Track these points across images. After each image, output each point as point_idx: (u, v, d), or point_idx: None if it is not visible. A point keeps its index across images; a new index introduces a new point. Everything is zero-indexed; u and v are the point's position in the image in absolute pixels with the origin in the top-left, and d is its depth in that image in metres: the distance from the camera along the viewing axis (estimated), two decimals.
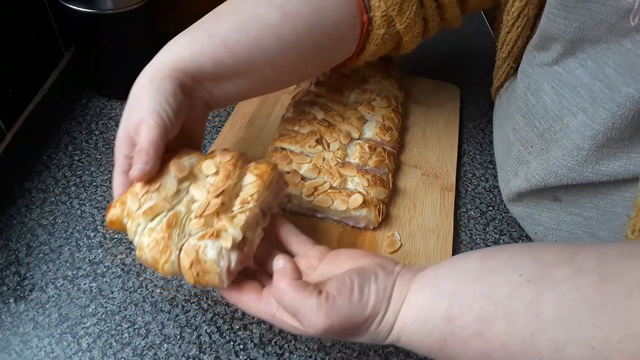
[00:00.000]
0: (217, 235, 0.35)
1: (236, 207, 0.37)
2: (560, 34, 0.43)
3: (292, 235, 0.41)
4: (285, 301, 0.34)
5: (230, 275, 0.36)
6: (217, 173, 0.38)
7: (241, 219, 0.36)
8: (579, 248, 0.31)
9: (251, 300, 0.37)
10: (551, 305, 0.28)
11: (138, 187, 0.37)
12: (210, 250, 0.35)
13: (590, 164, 0.42)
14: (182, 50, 0.41)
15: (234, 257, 0.35)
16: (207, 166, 0.39)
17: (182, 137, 0.41)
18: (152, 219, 0.36)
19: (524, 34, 0.50)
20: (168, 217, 0.36)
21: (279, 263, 0.37)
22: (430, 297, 0.33)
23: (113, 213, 0.38)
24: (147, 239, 0.36)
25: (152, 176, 0.37)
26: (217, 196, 0.36)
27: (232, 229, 0.35)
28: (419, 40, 0.54)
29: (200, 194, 0.37)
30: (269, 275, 0.39)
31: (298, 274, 0.37)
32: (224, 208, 0.36)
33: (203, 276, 0.35)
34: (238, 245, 0.36)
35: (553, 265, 0.30)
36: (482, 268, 0.32)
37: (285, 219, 0.42)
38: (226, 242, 0.35)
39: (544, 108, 0.47)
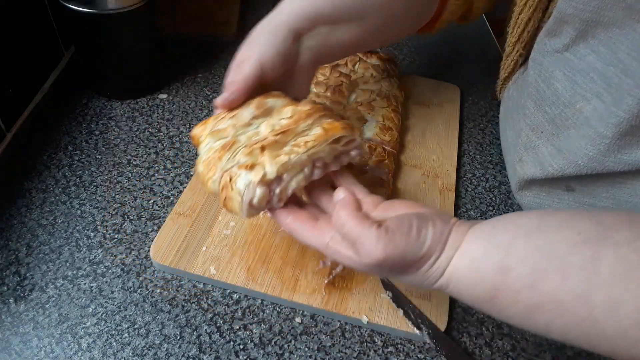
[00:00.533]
0: (251, 167, 0.36)
1: (286, 148, 0.37)
2: (576, 14, 0.43)
3: (349, 182, 0.41)
4: (345, 229, 0.34)
5: (252, 208, 0.36)
6: (291, 118, 0.39)
7: (282, 159, 0.36)
8: (636, 216, 0.31)
9: (305, 228, 0.37)
10: (609, 265, 0.29)
11: (222, 112, 0.40)
12: (240, 180, 0.36)
13: (612, 153, 0.41)
14: None
15: (259, 192, 0.36)
16: (286, 110, 0.39)
17: (288, 87, 0.44)
18: (217, 141, 0.38)
19: (536, 16, 0.50)
20: (226, 141, 0.38)
21: (341, 194, 0.38)
22: (485, 247, 0.33)
23: (195, 130, 0.41)
24: (204, 155, 0.39)
25: (236, 106, 0.40)
26: (276, 135, 0.37)
27: (268, 166, 0.36)
28: (488, 7, 0.56)
29: (265, 130, 0.38)
30: (323, 212, 0.40)
31: (359, 206, 0.37)
32: (276, 146, 0.37)
33: (227, 202, 0.37)
34: (268, 183, 0.36)
35: (613, 228, 0.30)
36: (540, 224, 0.33)
37: (348, 171, 0.41)
38: (256, 176, 0.35)
39: (555, 94, 0.47)
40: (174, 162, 0.58)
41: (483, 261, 0.33)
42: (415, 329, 0.45)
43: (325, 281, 0.47)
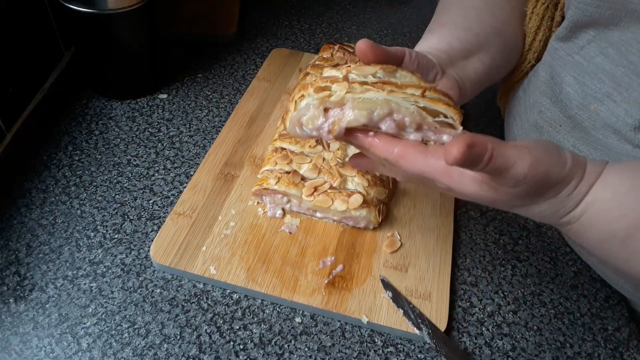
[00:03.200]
0: (321, 90, 0.33)
1: (397, 96, 0.32)
2: (590, 22, 0.43)
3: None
4: (489, 145, 0.29)
5: (299, 127, 0.34)
6: (409, 82, 0.34)
7: (356, 89, 0.32)
8: None
9: (420, 151, 0.32)
10: None
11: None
12: (305, 100, 0.33)
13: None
14: (431, 38, 0.47)
15: (311, 112, 0.33)
16: (412, 79, 0.35)
17: None
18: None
19: (545, 24, 0.51)
20: (328, 76, 0.34)
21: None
22: (630, 181, 0.31)
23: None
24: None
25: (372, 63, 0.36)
26: (383, 84, 0.33)
27: (338, 91, 0.32)
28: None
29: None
30: None
31: None
32: (379, 86, 0.32)
33: (285, 116, 0.36)
34: (326, 105, 0.33)
35: None
36: None
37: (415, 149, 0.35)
38: (318, 101, 0.33)
39: (567, 97, 0.47)
40: (174, 162, 0.58)
41: (627, 196, 0.31)
42: (415, 329, 0.45)
43: (325, 281, 0.47)
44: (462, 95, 0.44)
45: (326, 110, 0.33)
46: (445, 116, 0.33)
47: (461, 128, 0.33)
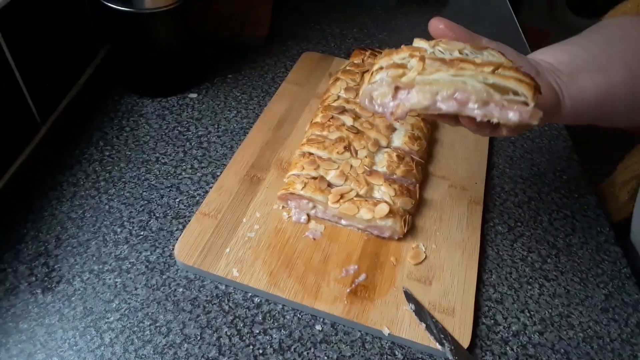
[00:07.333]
0: (398, 67, 0.33)
1: (466, 74, 0.32)
2: None
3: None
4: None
5: (369, 100, 0.35)
6: (490, 60, 0.33)
7: (435, 76, 0.32)
8: None
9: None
10: None
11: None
12: (379, 74, 0.34)
13: None
14: (543, 50, 0.43)
15: (382, 89, 0.34)
16: (498, 58, 0.34)
17: None
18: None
19: None
20: (417, 47, 0.35)
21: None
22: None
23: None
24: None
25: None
26: (461, 61, 0.33)
27: (410, 72, 0.33)
28: None
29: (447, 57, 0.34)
30: None
31: None
32: (451, 64, 0.33)
33: (359, 89, 0.39)
34: (398, 84, 0.34)
35: None
36: None
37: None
38: (392, 74, 0.33)
39: None
40: (201, 161, 0.59)
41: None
42: (437, 344, 0.44)
43: (347, 290, 0.47)
44: (558, 110, 0.40)
45: (397, 88, 0.34)
46: (516, 93, 0.32)
47: (532, 104, 0.32)
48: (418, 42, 0.35)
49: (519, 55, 0.39)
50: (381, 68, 0.35)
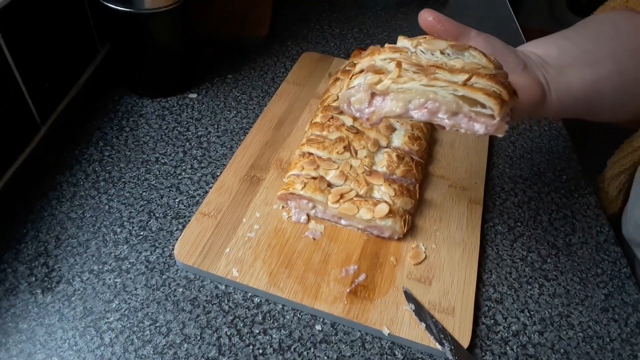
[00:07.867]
0: (376, 72, 0.34)
1: (437, 84, 0.33)
2: None
3: None
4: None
5: (347, 105, 0.36)
6: (469, 63, 0.34)
7: (408, 85, 0.33)
8: None
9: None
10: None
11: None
12: (357, 79, 0.35)
13: None
14: (534, 42, 0.44)
15: (360, 95, 0.35)
16: (480, 59, 0.35)
17: None
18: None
19: None
20: (399, 48, 0.36)
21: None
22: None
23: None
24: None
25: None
26: (436, 67, 0.33)
27: (387, 79, 0.34)
28: None
29: (427, 58, 0.35)
30: None
31: None
32: (418, 71, 0.33)
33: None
34: (374, 91, 0.34)
35: None
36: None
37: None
38: (370, 80, 0.34)
39: None
40: (201, 161, 0.59)
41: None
42: (437, 344, 0.44)
43: (347, 290, 0.47)
44: (544, 104, 0.39)
45: (373, 95, 0.35)
46: (484, 106, 0.33)
47: (498, 119, 0.33)
48: (401, 41, 0.36)
49: (507, 47, 0.40)
50: (362, 71, 0.35)
